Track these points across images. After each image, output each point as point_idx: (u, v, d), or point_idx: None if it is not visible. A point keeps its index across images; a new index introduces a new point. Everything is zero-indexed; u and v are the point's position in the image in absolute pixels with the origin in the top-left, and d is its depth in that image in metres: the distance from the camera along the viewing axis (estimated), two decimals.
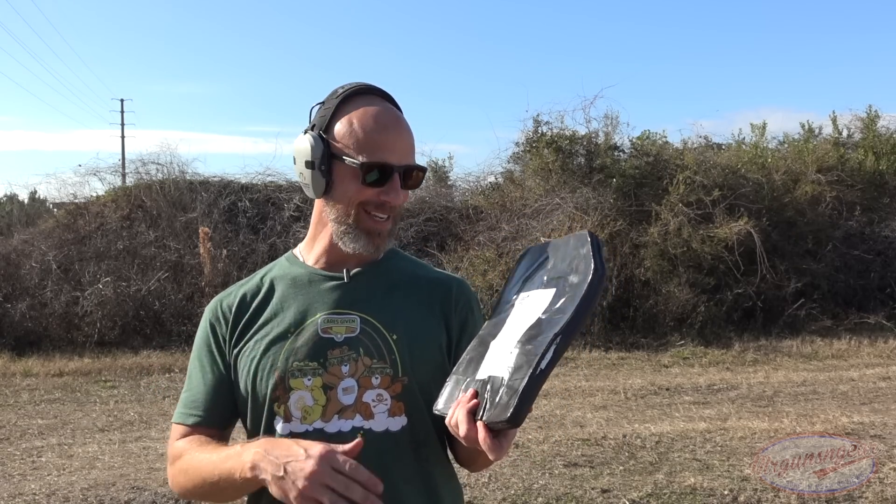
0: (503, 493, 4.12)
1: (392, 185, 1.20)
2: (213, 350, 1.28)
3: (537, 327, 1.01)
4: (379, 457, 1.18)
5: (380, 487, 1.01)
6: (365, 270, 1.29)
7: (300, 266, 1.31)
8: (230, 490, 1.15)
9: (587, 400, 6.55)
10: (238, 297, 1.30)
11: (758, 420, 5.69)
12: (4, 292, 9.42)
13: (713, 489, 4.13)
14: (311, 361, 1.20)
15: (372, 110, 1.22)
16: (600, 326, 9.43)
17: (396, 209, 1.24)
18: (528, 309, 1.07)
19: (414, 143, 1.26)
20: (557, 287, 1.05)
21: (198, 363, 1.29)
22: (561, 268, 1.07)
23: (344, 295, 1.26)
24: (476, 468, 1.31)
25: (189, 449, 1.23)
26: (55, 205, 13.28)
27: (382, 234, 1.24)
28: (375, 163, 1.19)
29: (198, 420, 1.26)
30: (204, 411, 1.26)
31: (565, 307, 1.00)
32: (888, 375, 7.48)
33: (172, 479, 1.26)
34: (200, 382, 1.28)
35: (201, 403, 1.27)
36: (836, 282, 10.55)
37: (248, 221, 10.69)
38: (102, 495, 4.15)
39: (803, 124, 13.78)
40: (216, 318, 1.29)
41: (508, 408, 0.94)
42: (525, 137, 11.94)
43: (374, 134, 1.19)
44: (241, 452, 1.11)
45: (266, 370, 1.21)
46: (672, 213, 10.02)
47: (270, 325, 1.25)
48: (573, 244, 1.08)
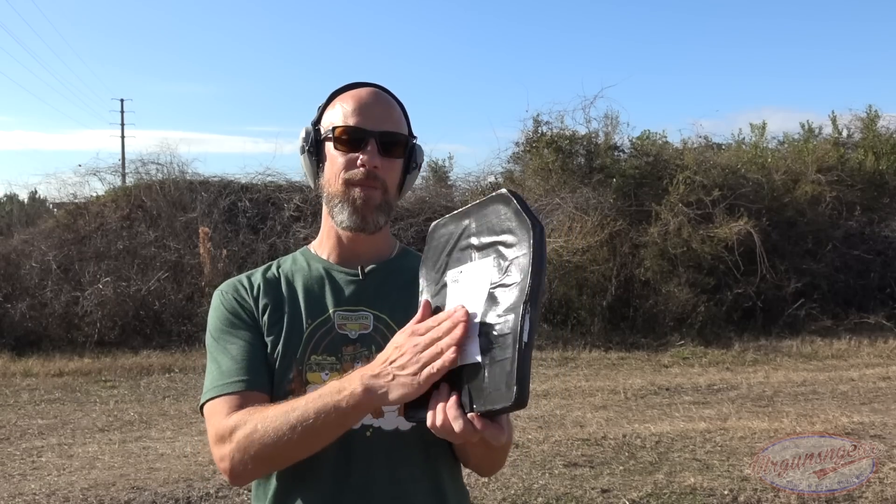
0: (503, 493, 4.12)
1: (368, 149, 1.21)
2: (244, 317, 1.23)
3: (492, 302, 0.95)
4: (388, 455, 1.18)
5: (460, 312, 0.97)
6: (379, 268, 1.30)
7: (316, 260, 1.32)
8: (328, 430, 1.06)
9: (587, 400, 6.55)
10: (261, 280, 1.28)
11: (758, 420, 5.69)
12: (4, 292, 9.43)
13: (713, 489, 4.13)
14: (330, 356, 1.21)
15: (356, 91, 1.27)
16: (600, 326, 9.44)
17: (381, 179, 1.23)
18: (470, 286, 1.00)
19: (398, 117, 1.27)
20: (495, 255, 0.97)
21: (226, 335, 1.22)
22: (487, 235, 1.00)
23: (358, 291, 1.26)
24: (487, 467, 1.28)
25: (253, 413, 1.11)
26: (55, 205, 13.29)
27: (369, 205, 1.22)
28: (346, 126, 1.22)
29: (244, 384, 1.16)
30: (249, 373, 1.17)
31: (515, 276, 0.93)
32: (888, 375, 7.48)
33: (232, 454, 1.11)
34: (237, 349, 1.20)
35: (244, 367, 1.18)
36: (836, 282, 10.55)
37: (248, 221, 10.69)
38: (102, 495, 4.15)
39: (803, 124, 13.82)
40: (238, 294, 1.26)
41: (510, 389, 0.90)
42: (525, 137, 11.96)
43: (349, 106, 1.24)
44: (334, 387, 1.05)
45: (284, 361, 1.21)
46: (672, 213, 10.02)
47: (288, 316, 1.24)
48: (492, 207, 1.01)
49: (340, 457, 1.18)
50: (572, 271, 9.55)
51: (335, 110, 1.26)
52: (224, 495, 4.12)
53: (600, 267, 9.68)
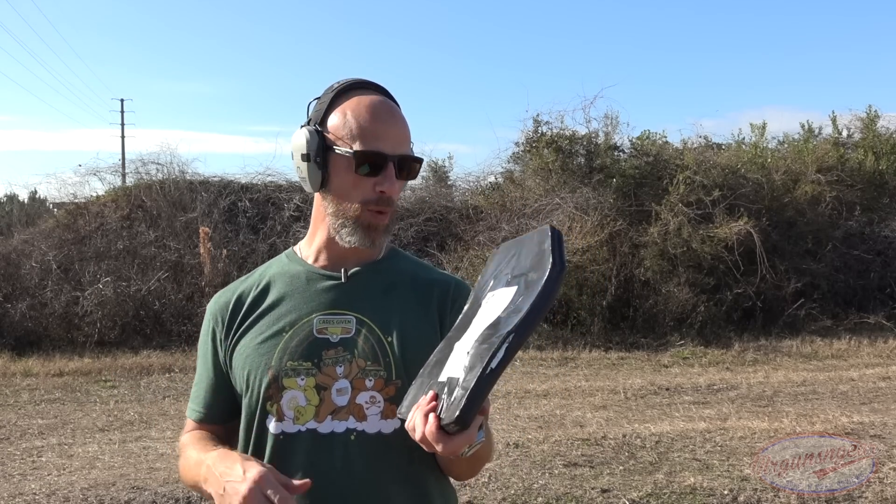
0: (503, 493, 4.12)
1: (387, 174, 1.19)
2: (212, 348, 1.30)
3: (495, 326, 0.99)
4: (371, 459, 1.18)
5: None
6: (363, 270, 1.28)
7: (299, 263, 1.31)
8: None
9: (587, 400, 6.55)
10: (235, 294, 1.30)
11: (758, 420, 5.69)
12: (4, 292, 9.42)
13: (713, 489, 4.13)
14: (306, 361, 1.20)
15: (366, 100, 1.22)
16: (600, 326, 9.44)
17: (393, 202, 1.23)
18: (491, 308, 1.05)
19: (409, 135, 1.25)
20: (518, 285, 1.02)
21: (202, 360, 1.33)
22: (524, 265, 1.05)
23: (341, 295, 1.25)
24: (455, 475, 1.28)
25: (188, 445, 1.28)
26: (55, 205, 13.28)
27: (379, 229, 1.23)
28: (369, 152, 1.18)
29: (200, 416, 1.32)
30: (204, 407, 1.32)
31: (522, 305, 0.97)
32: (888, 375, 7.48)
33: (179, 470, 1.30)
34: (203, 379, 1.32)
35: (202, 400, 1.32)
36: (835, 282, 10.55)
37: (248, 221, 10.69)
38: (102, 495, 4.15)
39: (803, 124, 13.80)
40: (213, 317, 1.31)
41: (458, 408, 0.93)
42: (525, 137, 11.95)
43: (367, 123, 1.19)
44: (203, 461, 1.15)
45: (260, 368, 1.21)
46: (672, 213, 10.03)
47: (266, 323, 1.25)
48: (536, 240, 1.05)
49: (324, 460, 1.18)
50: (572, 271, 9.54)
51: (347, 120, 1.20)
52: None
53: (600, 267, 9.68)
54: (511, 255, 1.11)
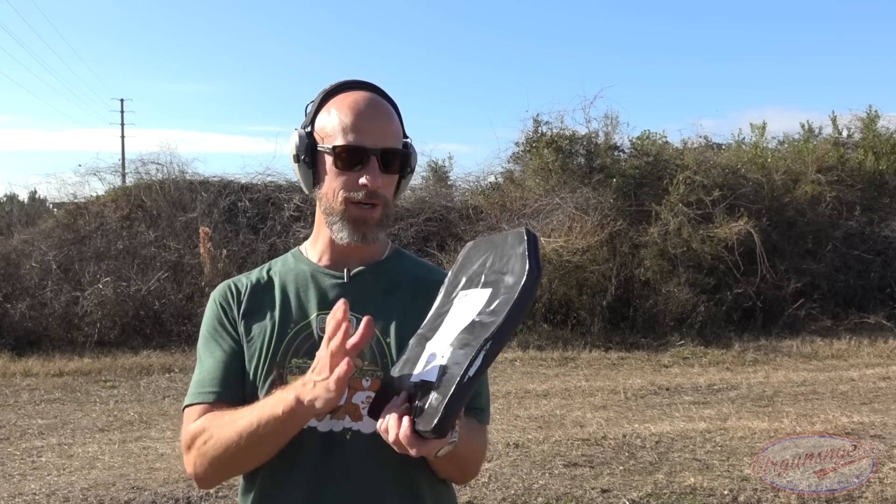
0: (503, 493, 4.12)
1: (369, 167, 1.19)
2: (227, 326, 1.27)
3: (470, 331, 0.98)
4: (366, 458, 1.18)
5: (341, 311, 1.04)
6: (366, 270, 1.29)
7: (304, 262, 1.32)
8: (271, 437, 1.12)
9: (587, 400, 6.55)
10: (249, 284, 1.31)
11: (758, 420, 5.69)
12: (4, 292, 9.42)
13: (713, 489, 4.13)
14: (310, 360, 1.20)
15: (350, 98, 1.23)
16: (600, 326, 9.44)
17: (382, 196, 1.22)
18: (465, 309, 1.04)
19: (396, 129, 1.25)
20: (493, 288, 1.01)
21: (210, 343, 1.27)
22: (498, 267, 1.04)
23: (342, 294, 1.25)
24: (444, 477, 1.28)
25: (212, 420, 1.19)
26: (55, 205, 13.29)
27: (369, 223, 1.23)
28: (348, 146, 1.19)
29: (215, 396, 1.22)
30: (221, 386, 1.23)
31: (498, 310, 0.97)
32: (888, 375, 7.48)
33: (195, 460, 1.19)
34: (214, 360, 1.25)
35: (217, 379, 1.24)
36: (836, 282, 10.55)
37: (248, 221, 10.69)
38: (102, 495, 4.15)
39: (803, 124, 13.80)
40: (226, 301, 1.29)
41: (435, 416, 0.92)
42: (525, 137, 11.95)
43: (348, 119, 1.20)
44: (275, 395, 1.12)
45: (265, 364, 1.22)
46: (672, 213, 10.02)
47: (272, 320, 1.26)
48: (510, 242, 1.04)
49: (319, 459, 1.19)
50: (572, 271, 9.55)
51: (330, 117, 1.22)
52: (224, 495, 4.12)
53: (600, 267, 9.68)
54: (484, 255, 1.10)
